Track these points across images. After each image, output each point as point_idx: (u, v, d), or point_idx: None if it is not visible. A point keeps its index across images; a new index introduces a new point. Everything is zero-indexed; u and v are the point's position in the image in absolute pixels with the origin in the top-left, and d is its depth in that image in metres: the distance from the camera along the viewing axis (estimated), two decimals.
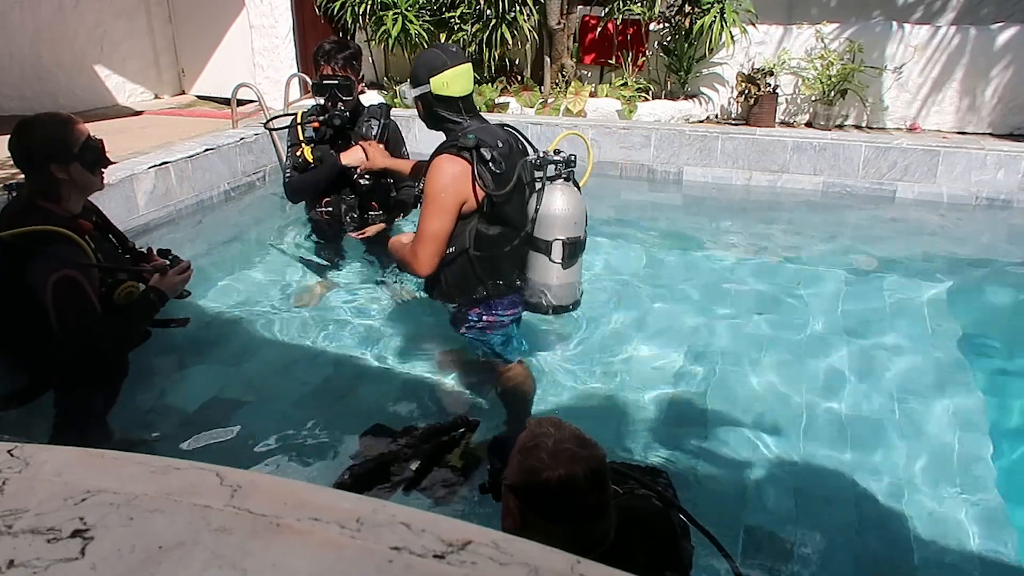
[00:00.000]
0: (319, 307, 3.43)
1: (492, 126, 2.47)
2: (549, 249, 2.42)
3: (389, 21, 6.80)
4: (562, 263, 2.45)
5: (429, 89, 2.35)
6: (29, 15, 6.68)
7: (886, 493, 2.33)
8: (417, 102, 2.44)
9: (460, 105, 2.39)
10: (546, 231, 2.41)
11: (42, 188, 2.16)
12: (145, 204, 4.23)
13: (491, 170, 2.29)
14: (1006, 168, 5.03)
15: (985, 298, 3.88)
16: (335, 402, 2.82)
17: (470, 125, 2.39)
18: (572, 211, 2.40)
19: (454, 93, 2.36)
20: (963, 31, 6.52)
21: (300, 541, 0.81)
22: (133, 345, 2.41)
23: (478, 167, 2.27)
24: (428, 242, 2.33)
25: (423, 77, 2.36)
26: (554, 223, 2.39)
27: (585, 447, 1.30)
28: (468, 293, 2.49)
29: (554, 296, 2.53)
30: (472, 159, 2.27)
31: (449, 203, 2.30)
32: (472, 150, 2.27)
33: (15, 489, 0.91)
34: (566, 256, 2.44)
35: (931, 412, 2.74)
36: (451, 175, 2.28)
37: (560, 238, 2.40)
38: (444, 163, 2.30)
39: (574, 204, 2.40)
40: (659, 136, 5.67)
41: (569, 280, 2.52)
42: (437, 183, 2.30)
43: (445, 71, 2.33)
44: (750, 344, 3.20)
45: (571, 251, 2.44)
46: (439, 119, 2.43)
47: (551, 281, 2.50)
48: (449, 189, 2.28)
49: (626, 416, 2.70)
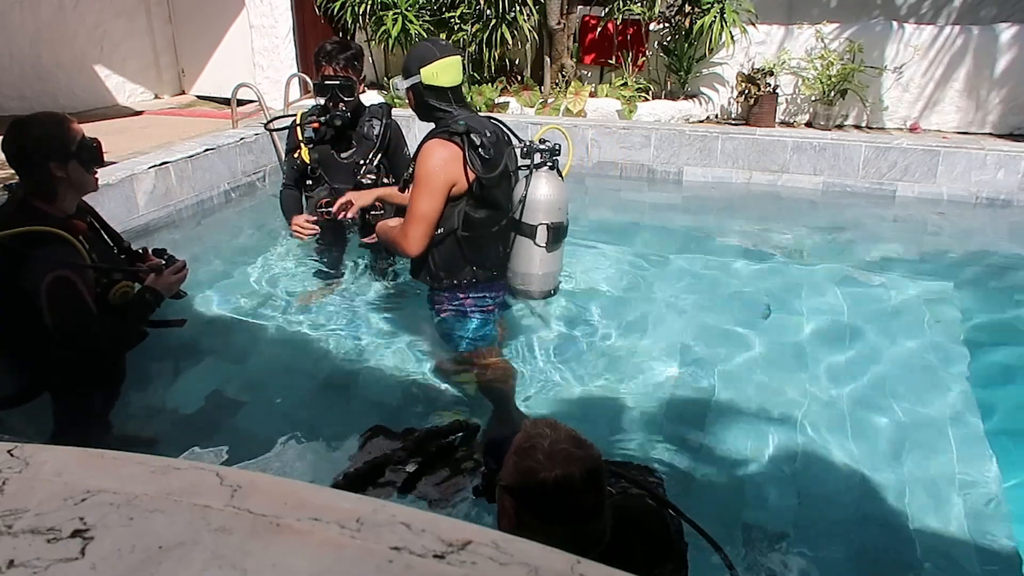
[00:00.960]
0: (319, 307, 3.43)
1: (480, 116, 2.59)
2: (534, 233, 2.57)
3: (389, 21, 6.80)
4: (546, 246, 2.60)
5: (420, 79, 2.44)
6: (29, 15, 6.68)
7: (886, 491, 2.33)
8: (408, 93, 2.54)
9: (450, 95, 2.49)
10: (532, 215, 2.56)
11: (38, 188, 2.15)
12: (145, 204, 4.23)
13: (480, 155, 2.39)
14: (1006, 168, 5.03)
15: (985, 298, 3.87)
16: (335, 402, 2.82)
17: (460, 114, 2.48)
18: (556, 197, 2.56)
19: (444, 83, 2.46)
20: (963, 31, 6.52)
21: (300, 541, 0.81)
22: (131, 345, 2.40)
23: (468, 152, 2.37)
24: (418, 223, 2.44)
25: (413, 68, 2.47)
26: (539, 208, 2.54)
27: (581, 448, 1.30)
28: (454, 274, 2.60)
29: (536, 281, 2.69)
30: (463, 144, 2.37)
31: (439, 185, 2.40)
32: (463, 135, 2.37)
33: (15, 489, 0.91)
34: (550, 240, 2.58)
35: (931, 411, 2.74)
36: (442, 158, 2.39)
37: (545, 222, 2.55)
38: (435, 147, 2.40)
39: (558, 191, 2.56)
40: (659, 136, 5.67)
41: (551, 268, 2.69)
42: (428, 165, 2.40)
43: (435, 62, 2.44)
44: (749, 343, 3.20)
45: (555, 235, 2.59)
46: (430, 108, 2.52)
47: (534, 267, 2.66)
48: (440, 171, 2.39)
49: (623, 416, 2.70)
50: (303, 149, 3.26)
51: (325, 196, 3.31)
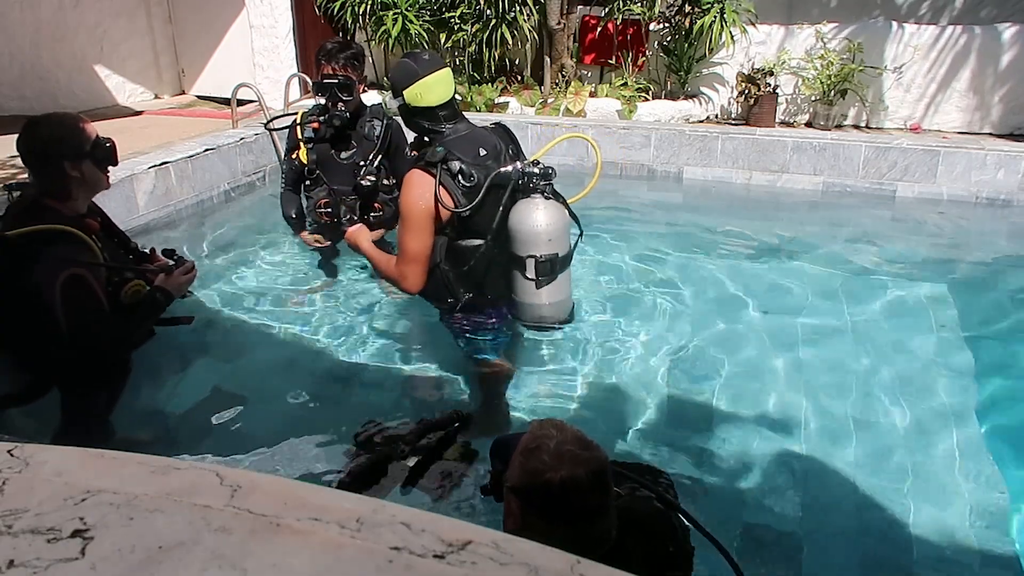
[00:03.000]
0: (318, 306, 3.43)
1: (478, 130, 2.43)
2: (524, 266, 2.35)
3: (389, 21, 6.80)
4: (536, 281, 2.35)
5: (404, 102, 2.34)
6: (29, 15, 6.67)
7: (887, 494, 2.33)
8: (400, 112, 2.44)
9: (439, 113, 2.35)
10: (520, 247, 2.34)
11: (52, 187, 2.16)
12: (145, 204, 4.23)
13: (460, 184, 2.27)
14: (1006, 168, 5.03)
15: (986, 298, 3.87)
16: (335, 401, 2.82)
17: (451, 133, 2.35)
18: (547, 226, 2.29)
19: (430, 103, 2.32)
20: (964, 31, 6.52)
21: (300, 541, 0.81)
22: (138, 343, 2.41)
23: (444, 179, 2.25)
24: (409, 261, 2.36)
25: (397, 89, 2.35)
26: (527, 239, 2.31)
27: (587, 449, 1.30)
28: (444, 302, 2.52)
29: (533, 313, 2.47)
30: (437, 172, 2.25)
31: (422, 220, 2.30)
32: (439, 163, 2.25)
33: (15, 489, 0.91)
34: (541, 273, 2.33)
35: (931, 412, 2.74)
36: (418, 192, 2.29)
37: (533, 255, 2.31)
38: (412, 179, 2.31)
39: (550, 219, 2.29)
40: (659, 136, 5.67)
41: (551, 300, 2.41)
42: (407, 201, 2.31)
43: (416, 82, 2.30)
44: (749, 344, 3.20)
45: (547, 268, 2.32)
46: (420, 129, 2.41)
47: (529, 298, 2.43)
48: (419, 206, 2.29)
49: (626, 418, 2.70)
50: (301, 149, 3.26)
51: (324, 197, 3.31)
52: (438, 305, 2.59)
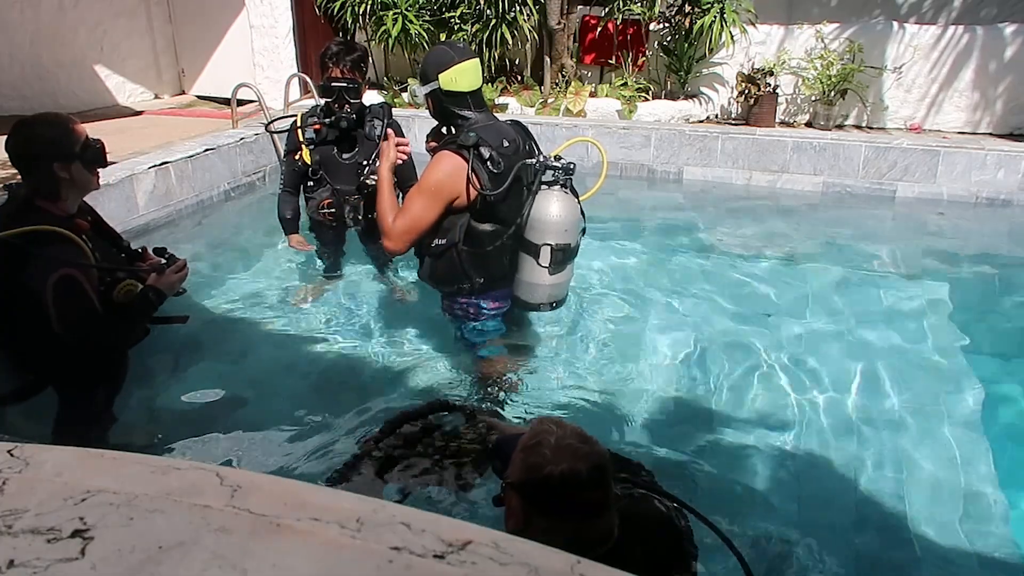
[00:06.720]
0: (318, 306, 3.43)
1: (501, 123, 2.49)
2: (538, 253, 2.46)
3: (389, 21, 6.80)
4: (549, 268, 2.47)
5: (438, 85, 2.38)
6: (29, 15, 6.67)
7: (886, 493, 2.33)
8: (428, 99, 2.47)
9: (469, 100, 2.42)
10: (536, 235, 2.44)
11: (42, 187, 2.16)
12: (145, 204, 4.23)
13: (488, 169, 2.33)
14: (1006, 168, 5.03)
15: (985, 298, 3.88)
16: (335, 400, 2.81)
17: (478, 120, 2.41)
18: (564, 218, 2.42)
19: (463, 88, 2.39)
20: (964, 31, 6.52)
21: (300, 541, 0.81)
22: (133, 342, 2.41)
23: (475, 164, 2.32)
24: (408, 225, 2.38)
25: (431, 74, 2.39)
26: (545, 228, 2.43)
27: (587, 444, 1.30)
28: (454, 284, 2.56)
29: (539, 295, 2.57)
30: (470, 157, 2.31)
31: (440, 195, 2.36)
32: (471, 148, 2.31)
33: (15, 489, 0.91)
34: (554, 261, 2.46)
35: (931, 412, 2.74)
36: (447, 172, 2.34)
37: (550, 243, 2.43)
38: (444, 158, 2.36)
39: (567, 211, 2.42)
40: (659, 136, 5.67)
41: (557, 281, 2.55)
42: (433, 175, 2.36)
43: (453, 66, 2.36)
44: (748, 343, 3.20)
45: (560, 257, 2.46)
46: (449, 115, 2.46)
47: (537, 282, 2.53)
48: (444, 183, 2.34)
49: (626, 415, 2.70)
50: (304, 150, 3.26)
51: (327, 197, 3.31)
52: (447, 288, 2.60)
